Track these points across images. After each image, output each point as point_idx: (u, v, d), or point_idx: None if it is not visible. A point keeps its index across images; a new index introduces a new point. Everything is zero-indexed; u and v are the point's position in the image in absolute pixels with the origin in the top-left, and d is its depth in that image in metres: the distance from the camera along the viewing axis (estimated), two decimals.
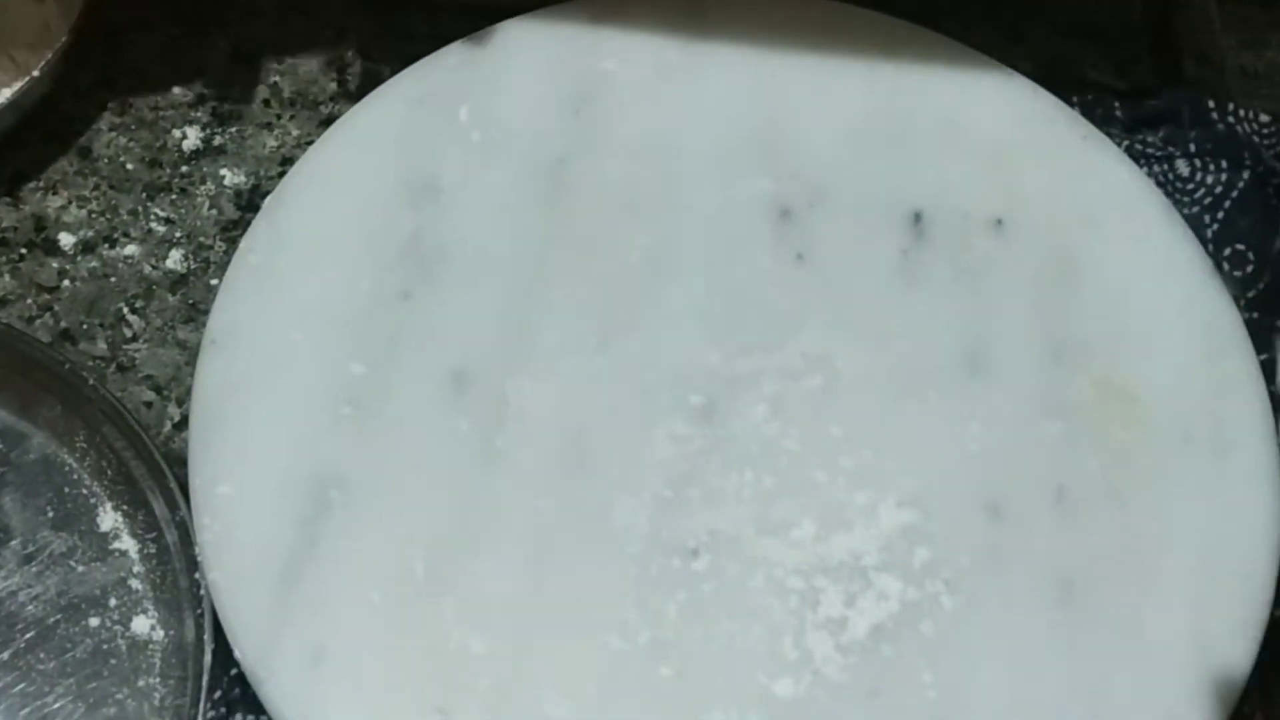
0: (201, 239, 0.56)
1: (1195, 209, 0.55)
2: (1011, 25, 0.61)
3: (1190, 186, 0.56)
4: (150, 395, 0.54)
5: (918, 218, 0.53)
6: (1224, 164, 0.55)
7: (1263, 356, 0.52)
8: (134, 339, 0.55)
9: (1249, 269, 0.54)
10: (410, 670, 0.46)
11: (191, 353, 0.53)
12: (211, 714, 0.47)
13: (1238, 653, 0.47)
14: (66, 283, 0.55)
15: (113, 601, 0.50)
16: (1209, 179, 0.55)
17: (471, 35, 0.57)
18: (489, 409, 0.50)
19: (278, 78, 0.60)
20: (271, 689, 0.46)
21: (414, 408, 0.50)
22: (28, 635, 0.49)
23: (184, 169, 0.58)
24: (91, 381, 0.51)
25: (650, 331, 0.51)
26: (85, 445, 0.52)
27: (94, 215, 0.57)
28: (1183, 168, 0.56)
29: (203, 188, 0.57)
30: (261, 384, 0.50)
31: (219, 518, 0.48)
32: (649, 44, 0.56)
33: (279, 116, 0.59)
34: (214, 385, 0.50)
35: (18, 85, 0.55)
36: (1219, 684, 0.47)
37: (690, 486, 0.49)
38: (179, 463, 0.50)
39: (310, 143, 0.56)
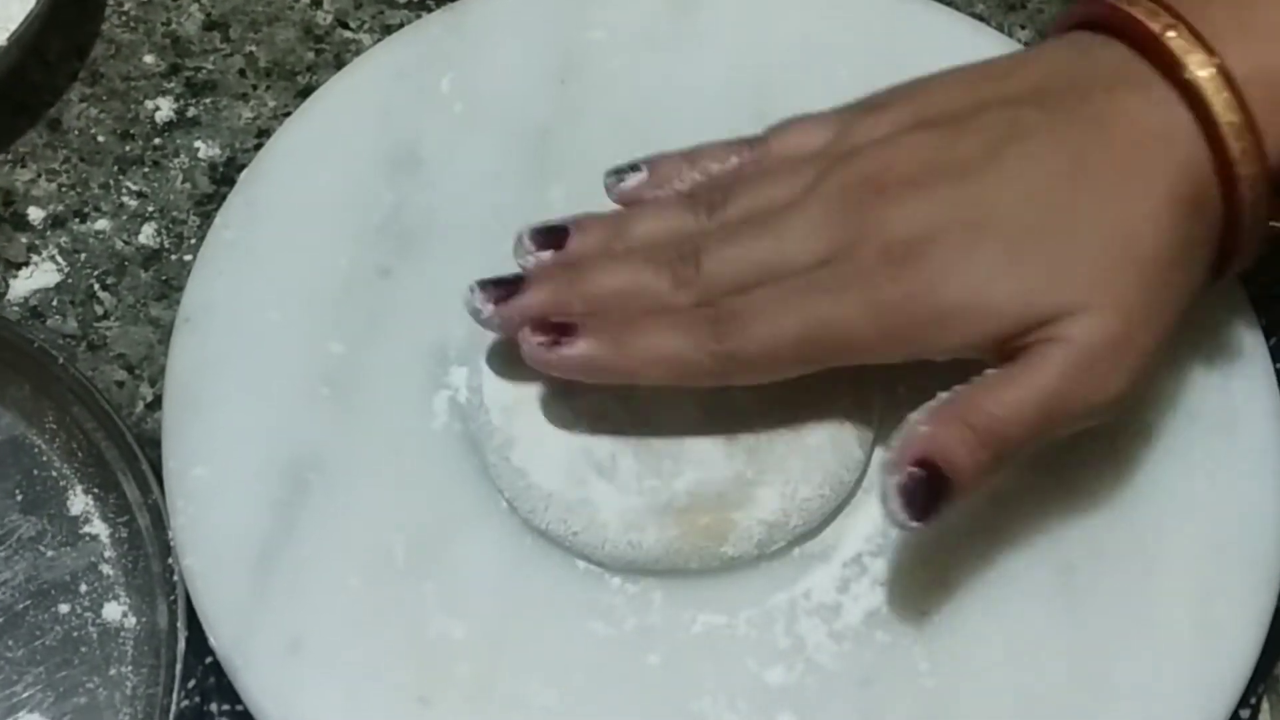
0: (175, 213, 0.56)
1: None
2: None
3: None
4: (122, 375, 0.53)
5: None
6: None
7: (1272, 340, 0.51)
8: (105, 316, 0.54)
9: None
10: (390, 657, 0.46)
11: (165, 331, 0.53)
12: (185, 703, 0.47)
13: (1244, 638, 0.46)
14: (36, 258, 0.55)
15: (83, 587, 0.50)
16: None
17: (454, 3, 0.56)
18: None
19: (254, 47, 0.59)
20: (247, 677, 0.46)
21: (394, 388, 0.50)
22: None
23: (157, 141, 0.57)
24: (61, 360, 0.50)
25: None
26: (55, 426, 0.51)
27: (64, 189, 0.56)
28: None
29: (176, 160, 0.57)
30: (237, 363, 0.50)
31: (193, 501, 0.48)
32: (637, 13, 0.56)
33: (255, 87, 0.58)
34: (188, 365, 0.50)
35: None
36: (1224, 670, 0.46)
37: None
38: (152, 444, 0.50)
39: (287, 114, 0.56)
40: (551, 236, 0.47)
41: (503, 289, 0.46)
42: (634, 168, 0.49)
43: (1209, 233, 0.45)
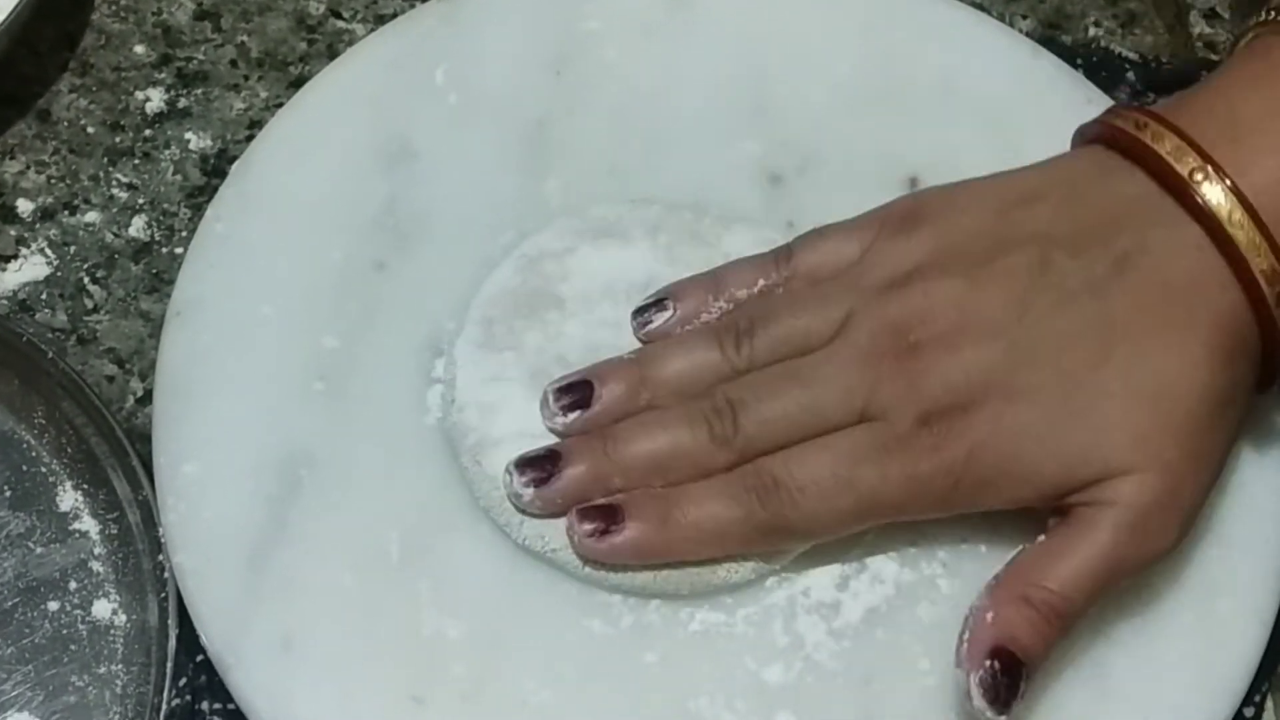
0: (166, 206, 0.55)
1: None
2: None
3: None
4: (112, 369, 0.53)
5: (913, 183, 0.52)
6: None
7: None
8: (95, 310, 0.54)
9: None
10: (384, 656, 0.45)
11: (155, 325, 0.53)
12: (176, 701, 0.46)
13: (1247, 635, 0.46)
14: (25, 251, 0.54)
15: (73, 584, 0.49)
16: None
17: None
18: None
19: (245, 37, 0.59)
20: (239, 676, 0.45)
21: (388, 382, 0.49)
22: None
23: (147, 132, 0.57)
24: (50, 354, 0.50)
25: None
26: (44, 421, 0.51)
27: (53, 181, 0.56)
28: None
29: (167, 152, 0.56)
30: (229, 358, 0.49)
31: (184, 497, 0.47)
32: (633, 3, 0.55)
33: (247, 78, 0.58)
34: (179, 359, 0.49)
35: None
36: (1228, 668, 0.46)
37: None
38: (142, 440, 0.49)
39: (279, 105, 0.55)
40: (575, 394, 0.46)
41: (540, 469, 0.45)
42: (659, 305, 0.48)
43: (1249, 371, 0.44)
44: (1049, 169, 0.47)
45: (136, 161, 0.56)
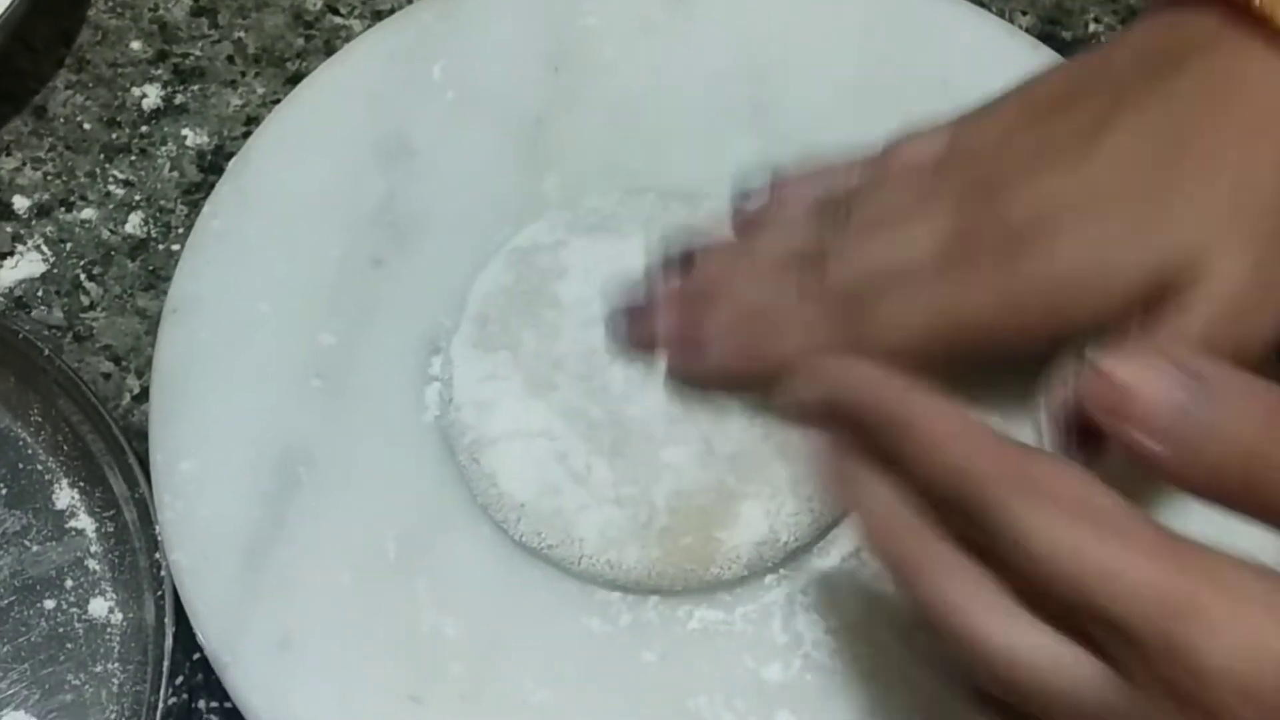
0: (162, 202, 0.55)
1: None
2: None
3: None
4: (109, 366, 0.53)
5: None
6: None
7: None
8: (91, 307, 0.54)
9: None
10: (381, 655, 0.45)
11: (152, 322, 0.53)
12: (173, 700, 0.46)
13: None
14: (21, 248, 0.54)
15: (69, 583, 0.49)
16: None
17: None
18: None
19: (242, 33, 0.58)
20: (236, 674, 0.45)
21: (386, 380, 0.49)
22: None
23: (144, 129, 0.57)
24: (47, 352, 0.50)
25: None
26: (40, 419, 0.51)
27: (49, 177, 0.56)
28: None
29: (163, 148, 0.56)
30: (226, 355, 0.49)
31: (181, 495, 0.47)
32: None
33: (244, 74, 0.58)
34: (176, 356, 0.49)
35: None
36: None
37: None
38: (139, 437, 0.49)
39: (276, 101, 0.55)
40: (679, 264, 0.48)
41: (636, 309, 0.48)
42: (757, 193, 0.49)
43: None
44: (1117, 36, 0.48)
45: (133, 158, 0.56)
